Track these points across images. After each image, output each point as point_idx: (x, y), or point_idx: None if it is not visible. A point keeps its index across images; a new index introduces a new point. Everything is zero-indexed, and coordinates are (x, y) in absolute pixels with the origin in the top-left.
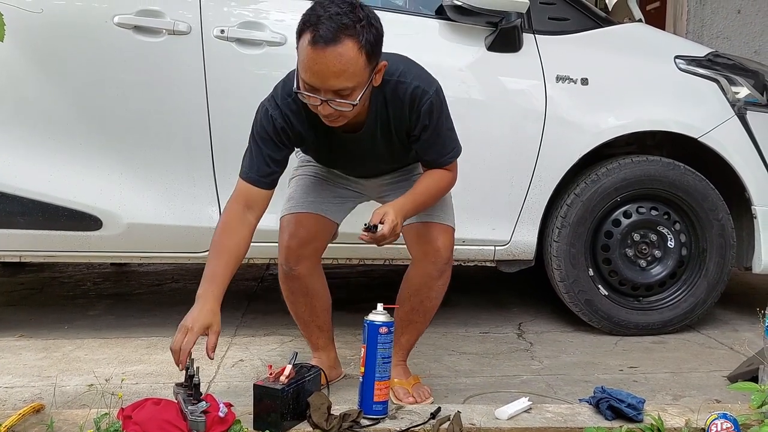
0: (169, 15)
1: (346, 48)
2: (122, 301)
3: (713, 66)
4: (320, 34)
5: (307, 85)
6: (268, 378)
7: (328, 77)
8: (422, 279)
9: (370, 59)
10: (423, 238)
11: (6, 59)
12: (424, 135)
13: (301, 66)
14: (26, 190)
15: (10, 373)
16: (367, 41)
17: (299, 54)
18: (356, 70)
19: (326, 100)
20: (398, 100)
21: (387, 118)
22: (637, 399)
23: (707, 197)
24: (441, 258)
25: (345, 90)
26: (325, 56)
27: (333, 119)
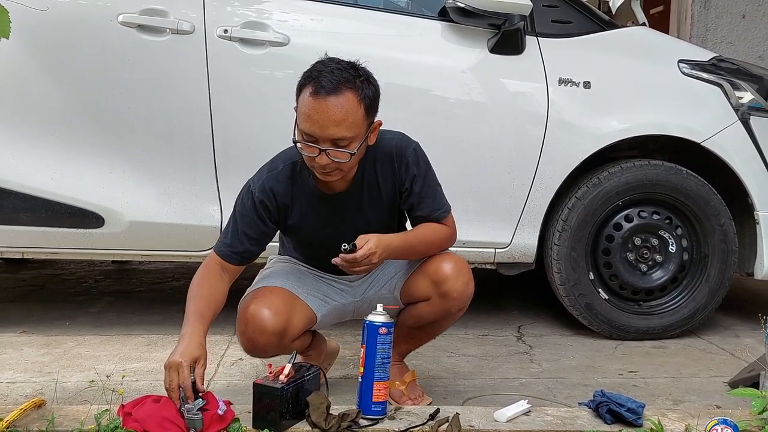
0: (172, 14)
1: (346, 99)
2: (123, 299)
3: (717, 70)
4: (322, 84)
5: (307, 136)
6: (268, 377)
7: (328, 126)
8: (439, 315)
9: (368, 113)
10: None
11: (10, 57)
12: (415, 187)
13: (302, 117)
14: (30, 187)
15: (11, 368)
16: (366, 96)
17: (300, 107)
18: (355, 121)
19: (324, 149)
20: (385, 155)
21: (375, 176)
22: (637, 403)
23: (709, 202)
24: (461, 297)
25: (343, 140)
26: (326, 105)
27: (328, 171)
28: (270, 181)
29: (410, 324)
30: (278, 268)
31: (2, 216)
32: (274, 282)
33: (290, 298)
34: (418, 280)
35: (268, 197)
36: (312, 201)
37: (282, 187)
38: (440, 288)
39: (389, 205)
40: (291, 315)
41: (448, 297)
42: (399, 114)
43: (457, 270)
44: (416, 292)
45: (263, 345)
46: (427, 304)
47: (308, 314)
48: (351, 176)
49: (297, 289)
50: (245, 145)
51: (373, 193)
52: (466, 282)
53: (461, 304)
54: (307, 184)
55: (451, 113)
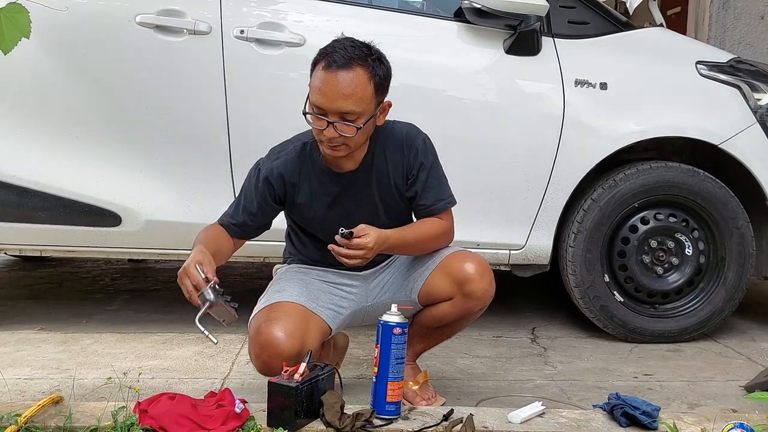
0: (190, 15)
1: (356, 74)
2: (139, 297)
3: (735, 72)
4: (334, 59)
5: (316, 108)
6: (283, 375)
7: (337, 98)
8: (460, 314)
9: (378, 92)
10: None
11: (30, 57)
12: (422, 175)
13: (313, 90)
14: (48, 186)
15: (29, 365)
16: (377, 74)
17: (312, 80)
18: (364, 97)
19: (332, 122)
20: (395, 141)
21: (384, 159)
22: (652, 406)
23: (727, 205)
24: (484, 297)
25: (351, 114)
26: (336, 79)
27: (335, 146)
28: (278, 161)
29: (429, 324)
30: (289, 279)
31: (21, 214)
32: (286, 297)
33: (303, 314)
34: (440, 281)
35: (274, 176)
36: (321, 179)
37: (290, 165)
38: (464, 288)
39: (398, 192)
40: (305, 334)
41: (471, 297)
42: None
43: (481, 270)
44: (438, 293)
45: (279, 368)
46: (449, 303)
47: (322, 328)
48: (360, 157)
49: (310, 302)
50: (261, 145)
51: (381, 177)
52: (490, 281)
53: (483, 304)
54: (317, 163)
55: (466, 114)
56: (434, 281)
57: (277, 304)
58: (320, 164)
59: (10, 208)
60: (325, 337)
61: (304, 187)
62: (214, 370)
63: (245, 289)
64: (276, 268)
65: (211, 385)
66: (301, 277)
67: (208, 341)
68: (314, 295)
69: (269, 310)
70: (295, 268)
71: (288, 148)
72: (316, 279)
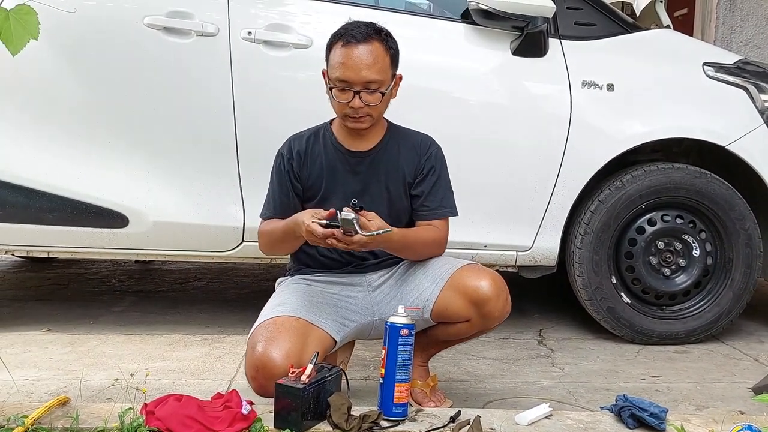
0: (197, 16)
1: (375, 46)
2: (146, 299)
3: (742, 73)
4: (352, 35)
5: (341, 82)
6: (290, 377)
7: (361, 68)
8: (478, 331)
9: (393, 63)
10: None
11: (38, 58)
12: (432, 177)
13: (335, 66)
14: (55, 187)
15: (36, 366)
16: (390, 46)
17: (331, 60)
18: (383, 66)
19: (358, 92)
20: (408, 140)
21: (397, 150)
22: (660, 408)
23: (734, 206)
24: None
25: (374, 83)
26: (358, 51)
27: (361, 117)
28: (294, 142)
29: (444, 338)
30: (291, 291)
31: (29, 215)
32: (286, 310)
33: (303, 331)
34: (455, 301)
35: (292, 154)
36: (335, 155)
37: (304, 142)
38: (482, 309)
39: (404, 186)
40: (302, 352)
41: (489, 317)
42: (421, 116)
43: (497, 289)
44: (454, 314)
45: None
46: (467, 324)
47: (325, 342)
48: (376, 139)
49: (312, 315)
50: (269, 146)
51: (391, 165)
52: (506, 299)
53: (501, 321)
54: (330, 141)
55: (473, 115)
56: (449, 302)
57: (276, 320)
58: (333, 142)
59: (18, 209)
60: (329, 349)
61: (316, 163)
62: (221, 372)
63: (252, 290)
64: (279, 280)
65: (218, 387)
66: (304, 289)
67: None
68: (317, 307)
69: (266, 328)
70: (298, 280)
71: (302, 132)
72: (320, 290)
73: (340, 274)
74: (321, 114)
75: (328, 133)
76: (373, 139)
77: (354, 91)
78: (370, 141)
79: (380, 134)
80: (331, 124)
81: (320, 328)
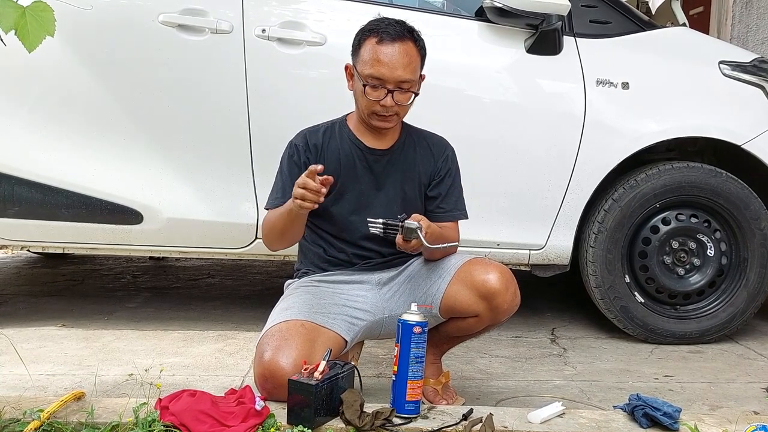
0: (212, 14)
1: (409, 46)
2: (160, 295)
3: (759, 72)
4: (388, 32)
5: (374, 79)
6: (303, 373)
7: (396, 67)
8: (488, 325)
9: (422, 64)
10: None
11: (54, 55)
12: (447, 180)
13: (369, 62)
14: (71, 184)
15: (52, 361)
16: (421, 46)
17: (363, 55)
18: (416, 67)
19: (392, 90)
20: (424, 141)
21: (414, 150)
22: (674, 408)
23: (749, 206)
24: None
25: (407, 83)
26: (394, 49)
27: (389, 115)
28: (309, 134)
29: (455, 333)
30: (299, 294)
31: (44, 212)
32: (293, 314)
33: (311, 334)
34: (464, 296)
35: (308, 146)
36: (352, 151)
37: (321, 136)
38: (491, 303)
39: (420, 188)
40: (311, 357)
41: (498, 311)
42: (434, 114)
43: (505, 282)
44: (464, 309)
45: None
46: (476, 319)
47: (335, 342)
48: (394, 138)
49: (320, 317)
50: (282, 143)
51: (408, 165)
52: (515, 291)
53: (510, 314)
54: (347, 137)
55: (487, 113)
56: (457, 296)
57: (283, 326)
58: (350, 137)
59: (34, 205)
60: (341, 350)
61: (332, 158)
62: (234, 368)
63: (265, 287)
64: (287, 283)
65: (231, 382)
66: (311, 291)
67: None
68: (325, 308)
69: (274, 335)
70: (306, 281)
71: (316, 126)
72: (328, 291)
73: (347, 272)
74: (334, 112)
75: (344, 128)
76: (391, 137)
77: (387, 90)
78: (388, 139)
79: (397, 133)
80: (347, 120)
81: (329, 329)
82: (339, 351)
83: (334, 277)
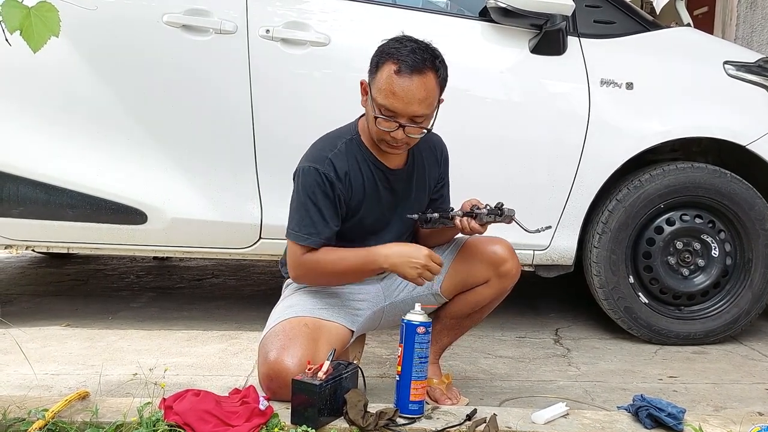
0: (216, 14)
1: (429, 78)
2: (164, 295)
3: (763, 72)
4: (408, 63)
5: (386, 110)
6: (307, 373)
7: (412, 103)
8: (496, 295)
9: (441, 94)
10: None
11: (58, 55)
12: (446, 177)
13: (384, 93)
14: (75, 184)
15: (56, 360)
16: (442, 77)
17: (379, 81)
18: (433, 101)
19: (404, 125)
20: (425, 145)
21: (422, 160)
22: (678, 409)
23: (754, 206)
24: (516, 275)
25: (421, 117)
26: (411, 83)
27: (398, 145)
28: (333, 158)
29: (462, 311)
30: (301, 293)
31: (49, 211)
32: (297, 311)
33: (315, 333)
34: (474, 267)
35: (336, 173)
36: (376, 175)
37: (345, 161)
38: (499, 269)
39: (428, 192)
40: (316, 355)
41: (507, 276)
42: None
43: (510, 250)
44: (473, 278)
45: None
46: (485, 286)
47: (340, 334)
48: (405, 155)
49: (323, 311)
50: (286, 144)
51: (420, 177)
52: (518, 261)
53: (514, 282)
54: (368, 159)
55: (491, 113)
56: (466, 268)
57: (287, 324)
58: (372, 160)
59: (39, 205)
60: (346, 341)
61: (358, 184)
62: (238, 368)
63: (268, 287)
64: (286, 283)
65: (235, 382)
66: (312, 289)
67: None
68: (327, 303)
69: (278, 334)
70: None
71: (335, 145)
72: (328, 288)
73: None
74: (337, 113)
75: (362, 147)
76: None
77: (399, 124)
78: (402, 156)
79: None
80: (360, 134)
81: (333, 321)
82: (345, 343)
83: None
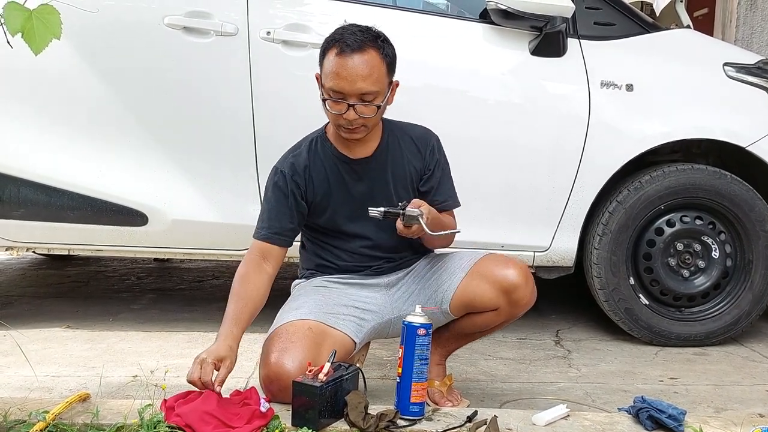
0: (217, 16)
1: (371, 56)
2: (164, 296)
3: (763, 74)
4: (347, 44)
5: (335, 93)
6: (307, 375)
7: (356, 80)
8: (505, 320)
9: (389, 71)
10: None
11: (60, 58)
12: (437, 172)
13: (329, 75)
14: (76, 186)
15: (57, 362)
16: (387, 54)
17: (325, 67)
18: (379, 77)
19: (353, 104)
20: (408, 136)
21: (399, 150)
22: (679, 410)
23: (754, 207)
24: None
25: (369, 95)
26: (353, 61)
27: (355, 128)
28: (294, 159)
29: (469, 330)
30: (308, 294)
31: (50, 213)
32: (302, 314)
33: (318, 337)
34: (483, 290)
35: (297, 172)
36: (338, 167)
37: (304, 158)
38: (511, 296)
39: (412, 183)
40: (318, 359)
41: (518, 305)
42: (438, 116)
43: (525, 276)
44: (482, 303)
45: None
46: (494, 313)
47: (343, 344)
48: (374, 144)
49: (329, 317)
50: (287, 145)
51: (397, 165)
52: (533, 287)
53: (527, 309)
54: (330, 152)
55: (491, 115)
56: (476, 290)
57: (290, 327)
58: (334, 153)
59: (40, 207)
60: (349, 351)
61: (320, 178)
62: (239, 369)
63: None
64: (294, 283)
65: (236, 384)
66: (321, 292)
67: None
68: (334, 309)
69: (281, 337)
70: (316, 282)
71: (299, 147)
72: (336, 292)
73: (357, 277)
74: None
75: (326, 143)
76: (373, 142)
77: (348, 104)
78: (370, 145)
79: (379, 135)
80: (326, 132)
81: (338, 329)
82: (347, 353)
83: (345, 280)
